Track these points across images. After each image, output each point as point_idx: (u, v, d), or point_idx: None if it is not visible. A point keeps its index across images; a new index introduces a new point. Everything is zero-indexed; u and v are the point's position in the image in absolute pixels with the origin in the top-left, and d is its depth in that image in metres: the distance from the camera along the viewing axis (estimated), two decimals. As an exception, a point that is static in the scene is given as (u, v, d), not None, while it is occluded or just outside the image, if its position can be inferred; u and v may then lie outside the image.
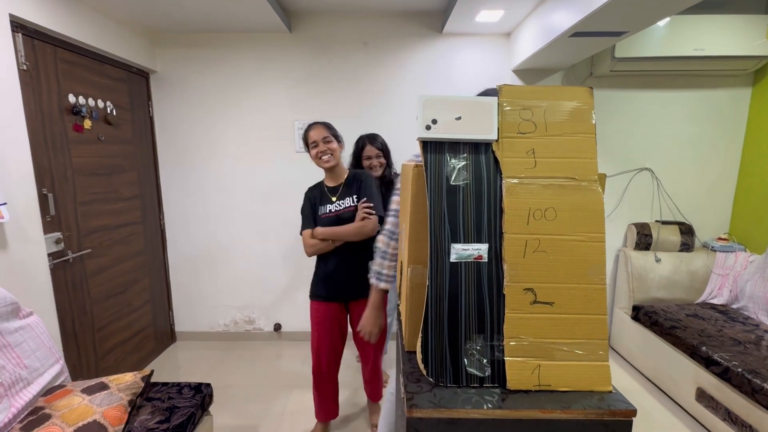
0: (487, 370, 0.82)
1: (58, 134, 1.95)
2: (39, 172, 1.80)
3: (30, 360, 1.46)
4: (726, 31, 2.32)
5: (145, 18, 2.38)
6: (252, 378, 2.52)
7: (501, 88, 0.88)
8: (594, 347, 0.82)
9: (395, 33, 2.67)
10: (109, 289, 2.32)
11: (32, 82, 1.80)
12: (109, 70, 2.33)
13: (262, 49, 2.69)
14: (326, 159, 1.71)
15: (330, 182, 1.82)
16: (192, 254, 2.94)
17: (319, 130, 1.71)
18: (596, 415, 0.75)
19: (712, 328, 2.18)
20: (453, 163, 0.86)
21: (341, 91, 2.74)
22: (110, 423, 1.31)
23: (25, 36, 1.75)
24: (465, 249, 0.84)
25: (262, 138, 2.79)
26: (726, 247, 2.63)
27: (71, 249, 2.02)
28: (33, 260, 1.73)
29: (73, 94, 2.03)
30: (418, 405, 0.75)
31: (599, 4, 1.61)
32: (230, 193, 2.86)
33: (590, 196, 0.84)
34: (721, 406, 1.87)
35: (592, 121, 0.87)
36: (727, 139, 2.72)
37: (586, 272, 0.82)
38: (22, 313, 1.51)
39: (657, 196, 2.79)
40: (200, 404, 1.59)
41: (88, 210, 2.15)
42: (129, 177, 2.51)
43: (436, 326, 0.84)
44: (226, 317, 3.01)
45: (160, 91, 2.75)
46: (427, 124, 0.86)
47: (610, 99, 2.71)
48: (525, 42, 2.41)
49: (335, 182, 1.81)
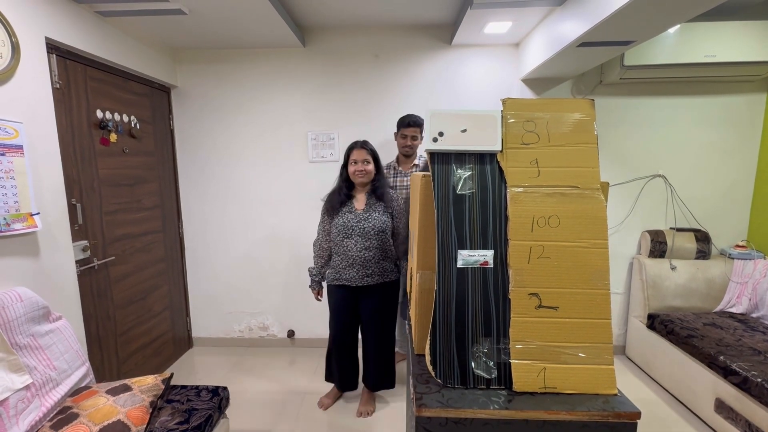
0: (493, 372, 0.85)
1: (87, 147, 2.06)
2: (68, 183, 1.91)
3: (59, 362, 1.54)
4: (737, 37, 2.32)
5: (167, 36, 2.51)
6: (266, 383, 2.56)
7: (505, 101, 0.92)
8: (599, 351, 0.84)
9: (405, 45, 2.74)
10: (131, 295, 2.41)
11: (64, 99, 1.92)
12: (133, 86, 2.45)
13: (277, 63, 2.79)
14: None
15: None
16: (209, 262, 3.03)
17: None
18: (601, 417, 0.77)
19: (730, 338, 2.13)
20: (459, 173, 0.90)
21: (353, 102, 2.81)
22: (133, 423, 1.37)
23: (58, 57, 1.87)
24: (471, 255, 0.88)
25: (276, 148, 2.88)
26: (744, 255, 2.58)
27: (96, 256, 2.12)
28: (62, 267, 1.83)
29: (100, 110, 2.15)
30: (426, 405, 0.79)
31: (606, 15, 1.64)
32: (246, 202, 2.95)
33: (593, 204, 0.87)
34: (741, 418, 1.83)
35: (594, 132, 0.90)
36: (742, 145, 2.69)
37: (590, 277, 0.85)
38: (52, 317, 1.59)
39: (671, 203, 2.76)
40: (217, 407, 1.64)
41: (113, 219, 2.25)
42: (150, 187, 2.62)
43: (444, 329, 0.87)
44: (241, 323, 3.08)
45: (180, 105, 2.87)
46: (434, 136, 0.91)
47: (620, 106, 2.71)
48: (533, 52, 2.44)
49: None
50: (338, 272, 2.07)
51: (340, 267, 2.06)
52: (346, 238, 2.01)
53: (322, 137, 2.83)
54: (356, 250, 2.00)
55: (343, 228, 2.01)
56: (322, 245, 2.14)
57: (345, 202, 2.06)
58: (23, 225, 1.57)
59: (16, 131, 1.55)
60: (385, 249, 2.06)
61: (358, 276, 2.03)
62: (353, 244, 2.00)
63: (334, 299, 2.14)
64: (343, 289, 2.09)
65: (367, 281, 2.04)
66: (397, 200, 2.12)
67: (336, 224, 2.04)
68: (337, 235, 2.04)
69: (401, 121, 2.41)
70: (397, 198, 2.15)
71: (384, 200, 2.06)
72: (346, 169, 2.08)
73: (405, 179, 2.46)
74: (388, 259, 2.09)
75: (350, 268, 2.03)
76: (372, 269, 2.03)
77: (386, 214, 2.05)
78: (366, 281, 2.04)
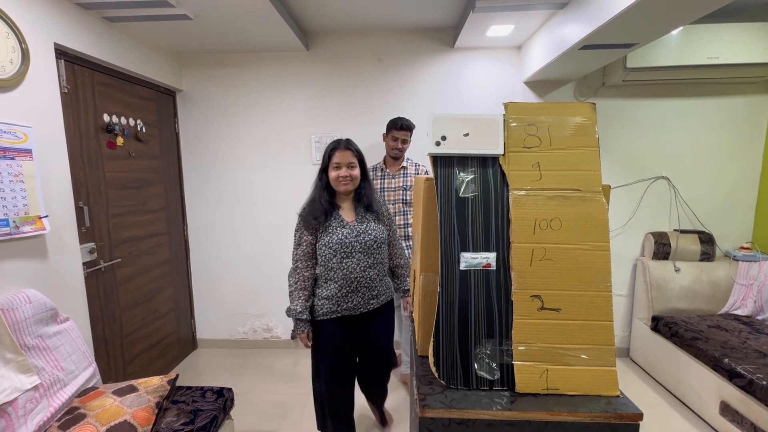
0: (496, 373, 0.86)
1: (94, 151, 2.09)
2: (76, 186, 1.93)
3: (66, 363, 1.56)
4: (740, 39, 2.32)
5: (172, 41, 2.54)
6: (270, 385, 2.58)
7: (507, 105, 0.93)
8: (601, 353, 0.85)
9: (408, 48, 2.76)
10: (136, 297, 2.43)
11: (72, 103, 1.95)
12: (140, 90, 2.49)
13: (281, 67, 2.82)
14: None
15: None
16: (213, 264, 3.05)
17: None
18: (603, 419, 0.77)
19: (735, 340, 2.13)
20: (462, 177, 0.92)
21: (356, 105, 2.84)
22: (140, 423, 1.39)
23: (66, 62, 1.90)
24: (474, 257, 0.89)
25: (280, 151, 2.91)
26: (749, 257, 2.56)
27: (103, 258, 2.14)
28: (69, 269, 1.85)
29: (107, 114, 2.18)
30: (430, 405, 0.79)
31: (608, 18, 1.65)
32: (250, 205, 2.97)
33: (594, 207, 0.88)
34: (746, 421, 1.82)
35: (596, 135, 0.91)
36: (746, 146, 2.68)
37: (592, 280, 0.86)
38: (60, 318, 1.62)
39: (674, 204, 2.75)
40: (222, 408, 1.65)
41: (119, 222, 2.28)
42: (156, 190, 2.64)
43: (447, 331, 0.88)
44: (245, 325, 3.10)
45: (185, 109, 2.90)
46: (437, 140, 0.92)
47: (623, 108, 2.71)
48: (536, 55, 2.45)
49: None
50: (336, 302, 1.63)
51: (338, 295, 1.62)
52: (346, 257, 1.60)
53: (326, 140, 2.85)
54: (359, 271, 1.61)
55: (340, 246, 1.60)
56: (304, 274, 1.66)
57: (330, 213, 1.65)
58: (32, 228, 1.60)
59: (25, 135, 1.58)
60: (385, 262, 1.74)
61: (363, 301, 1.65)
62: (355, 264, 1.61)
63: (326, 338, 1.67)
64: (341, 322, 1.66)
65: (373, 304, 1.68)
66: (386, 205, 1.84)
67: (328, 243, 1.61)
68: (333, 257, 1.61)
69: (393, 123, 2.39)
70: (386, 203, 2.00)
71: (373, 210, 1.71)
72: (326, 173, 1.66)
73: (393, 181, 2.45)
74: (387, 273, 1.79)
75: (353, 293, 1.63)
76: (377, 289, 1.68)
77: (381, 223, 1.72)
78: (372, 305, 1.67)
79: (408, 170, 2.46)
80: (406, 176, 2.44)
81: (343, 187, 1.65)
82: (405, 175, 2.45)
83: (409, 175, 2.45)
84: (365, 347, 1.76)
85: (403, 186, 2.44)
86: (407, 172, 2.45)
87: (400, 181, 2.44)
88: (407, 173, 2.45)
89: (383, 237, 1.70)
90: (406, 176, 2.44)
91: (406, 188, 2.43)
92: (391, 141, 2.40)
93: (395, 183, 2.45)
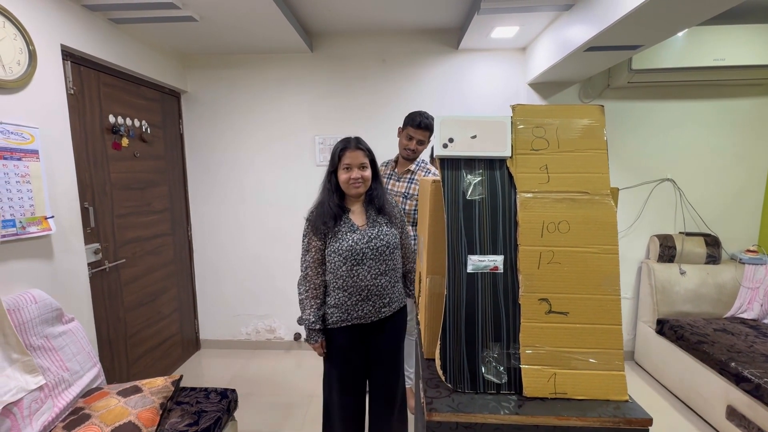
0: (503, 377, 0.85)
1: (99, 152, 2.10)
2: (81, 187, 1.94)
3: (71, 363, 1.56)
4: (747, 41, 2.30)
5: (177, 42, 2.55)
6: (273, 386, 2.57)
7: (514, 107, 0.92)
8: (609, 357, 0.84)
9: (413, 50, 2.76)
10: (140, 297, 2.44)
11: (78, 104, 1.95)
12: (145, 92, 2.50)
13: (285, 68, 2.82)
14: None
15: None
16: (217, 264, 3.05)
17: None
18: (612, 423, 0.77)
19: (741, 344, 2.11)
20: (469, 179, 0.91)
21: (360, 107, 2.84)
22: (144, 424, 1.39)
23: (73, 63, 1.91)
24: (481, 260, 0.88)
25: (284, 152, 2.91)
26: (755, 260, 2.55)
27: (108, 259, 2.15)
28: (75, 269, 1.86)
29: (112, 115, 2.19)
30: (437, 409, 0.79)
31: (614, 20, 1.64)
32: (254, 206, 2.98)
33: (603, 210, 0.87)
34: (753, 426, 1.81)
35: (604, 138, 0.90)
36: (752, 148, 2.66)
37: (600, 283, 0.85)
38: (65, 318, 1.62)
39: (680, 207, 2.74)
40: (226, 409, 1.65)
41: (124, 222, 2.29)
42: (160, 191, 2.65)
43: (454, 334, 0.87)
44: (248, 326, 3.10)
45: (189, 110, 2.91)
46: (444, 142, 0.91)
47: (628, 110, 2.70)
48: (540, 56, 2.45)
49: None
50: (345, 311, 1.56)
51: (348, 304, 1.55)
52: (357, 265, 1.52)
53: (330, 141, 2.85)
54: (370, 278, 1.53)
55: (350, 253, 1.51)
56: (315, 282, 1.58)
57: (340, 217, 1.57)
58: (38, 228, 1.60)
59: (32, 136, 1.59)
60: (398, 269, 1.64)
61: (374, 309, 1.57)
62: (366, 272, 1.52)
63: (336, 347, 1.62)
64: (352, 331, 1.59)
65: (385, 312, 1.59)
66: (398, 207, 1.74)
67: (338, 250, 1.52)
68: (343, 264, 1.52)
69: (411, 118, 2.04)
70: (398, 205, 1.83)
71: (385, 212, 1.62)
72: (335, 175, 1.57)
73: (397, 184, 2.14)
74: (400, 279, 1.69)
75: (364, 302, 1.55)
76: (389, 297, 1.59)
77: (393, 226, 1.63)
78: (384, 313, 1.59)
79: (415, 176, 2.11)
80: (411, 182, 2.11)
81: (354, 190, 1.56)
82: (410, 180, 2.11)
83: (415, 181, 2.11)
84: (372, 360, 1.68)
85: (404, 193, 2.11)
86: (413, 178, 2.11)
87: (402, 186, 2.12)
88: (413, 179, 2.11)
89: (396, 242, 1.61)
90: (410, 182, 2.11)
91: (407, 196, 2.10)
92: (405, 139, 2.07)
93: (397, 188, 2.13)
